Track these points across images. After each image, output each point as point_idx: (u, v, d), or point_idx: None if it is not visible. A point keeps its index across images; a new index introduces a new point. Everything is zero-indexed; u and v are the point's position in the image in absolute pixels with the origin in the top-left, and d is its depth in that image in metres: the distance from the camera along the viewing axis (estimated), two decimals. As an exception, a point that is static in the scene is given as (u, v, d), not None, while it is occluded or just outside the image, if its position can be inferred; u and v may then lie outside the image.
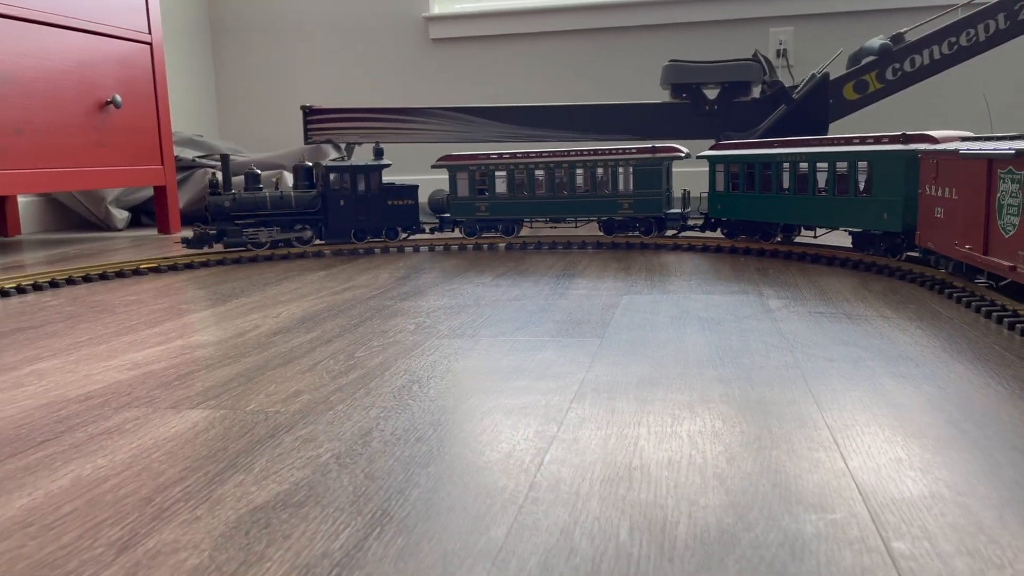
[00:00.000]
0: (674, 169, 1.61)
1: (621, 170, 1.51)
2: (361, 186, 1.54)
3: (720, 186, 1.44)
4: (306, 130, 2.41)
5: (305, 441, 0.53)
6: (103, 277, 1.29)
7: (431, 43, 2.85)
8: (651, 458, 0.48)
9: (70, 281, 1.24)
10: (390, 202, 1.56)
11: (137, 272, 1.33)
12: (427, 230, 1.64)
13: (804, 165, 1.28)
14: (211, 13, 3.00)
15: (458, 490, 0.44)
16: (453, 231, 1.63)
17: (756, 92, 2.21)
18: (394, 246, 1.56)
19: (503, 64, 2.83)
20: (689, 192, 1.58)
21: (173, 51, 2.79)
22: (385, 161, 1.57)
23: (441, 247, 1.58)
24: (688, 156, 1.53)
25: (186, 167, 2.37)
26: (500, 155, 1.56)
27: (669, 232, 1.53)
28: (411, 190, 1.57)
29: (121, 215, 2.31)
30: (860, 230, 1.20)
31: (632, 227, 1.53)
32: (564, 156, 1.53)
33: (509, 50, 2.82)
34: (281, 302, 1.05)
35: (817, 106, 2.10)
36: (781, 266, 1.22)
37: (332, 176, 1.53)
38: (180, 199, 2.28)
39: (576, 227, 1.73)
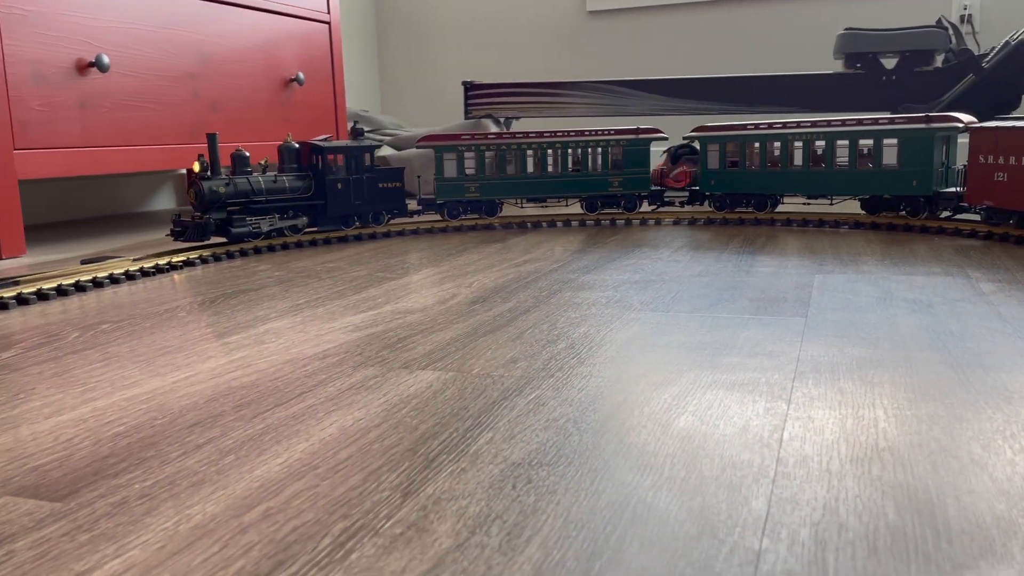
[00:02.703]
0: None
1: (611, 150, 1.57)
2: (357, 168, 1.45)
3: (714, 163, 1.55)
4: (466, 105, 2.47)
5: (537, 404, 0.56)
6: (298, 246, 1.38)
7: (588, 15, 2.84)
8: (897, 440, 0.47)
9: (271, 249, 1.34)
10: (380, 185, 1.49)
11: (328, 242, 1.42)
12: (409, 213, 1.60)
13: (821, 142, 1.45)
14: (375, -9, 3.11)
15: (704, 461, 0.46)
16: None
17: (939, 61, 2.07)
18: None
19: (661, 35, 2.78)
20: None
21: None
22: (373, 142, 1.49)
23: (551, 224, 1.58)
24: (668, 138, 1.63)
25: (354, 141, 2.49)
26: (486, 135, 1.55)
27: (647, 207, 1.63)
28: (398, 172, 1.51)
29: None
30: (871, 195, 1.41)
31: (616, 204, 1.60)
32: (555, 137, 1.56)
33: (667, 21, 2.77)
34: (468, 272, 1.09)
35: (1010, 76, 1.95)
36: (983, 247, 1.15)
37: (333, 157, 1.42)
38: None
39: (567, 206, 1.76)
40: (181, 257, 1.20)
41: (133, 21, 1.57)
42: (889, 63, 2.10)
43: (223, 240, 1.37)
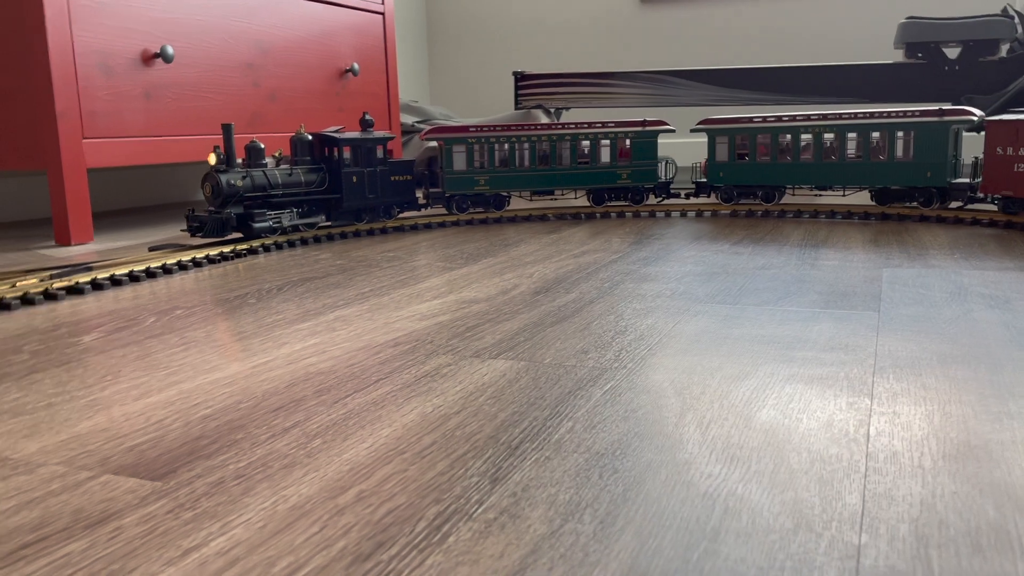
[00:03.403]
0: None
1: (619, 142, 1.57)
2: (370, 160, 1.40)
3: (723, 156, 1.55)
4: (517, 95, 2.47)
5: (614, 395, 0.56)
6: (356, 235, 1.40)
7: (641, 5, 2.81)
8: (989, 438, 0.47)
9: (329, 237, 1.36)
10: (393, 178, 1.44)
11: (384, 231, 1.43)
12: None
13: (831, 135, 1.47)
14: (425, -18, 3.12)
15: (791, 455, 0.45)
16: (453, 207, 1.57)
17: (1003, 51, 2.01)
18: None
19: (715, 26, 2.75)
20: (667, 160, 1.64)
21: (392, 20, 2.93)
22: (389, 133, 1.43)
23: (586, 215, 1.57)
24: (675, 130, 1.64)
25: (406, 132, 2.51)
26: (493, 128, 1.53)
27: (653, 199, 1.65)
28: (409, 164, 1.47)
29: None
30: (883, 187, 1.45)
31: (624, 196, 1.60)
32: (565, 129, 1.55)
33: (722, 11, 2.73)
34: (527, 263, 1.10)
35: (1081, 65, 1.88)
36: (1007, 236, 1.12)
37: (349, 149, 1.36)
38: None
39: (576, 198, 1.75)
40: (244, 246, 1.23)
41: (196, 12, 1.60)
42: (952, 53, 2.05)
43: (239, 236, 1.30)
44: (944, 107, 1.39)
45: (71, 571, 0.35)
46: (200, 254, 1.15)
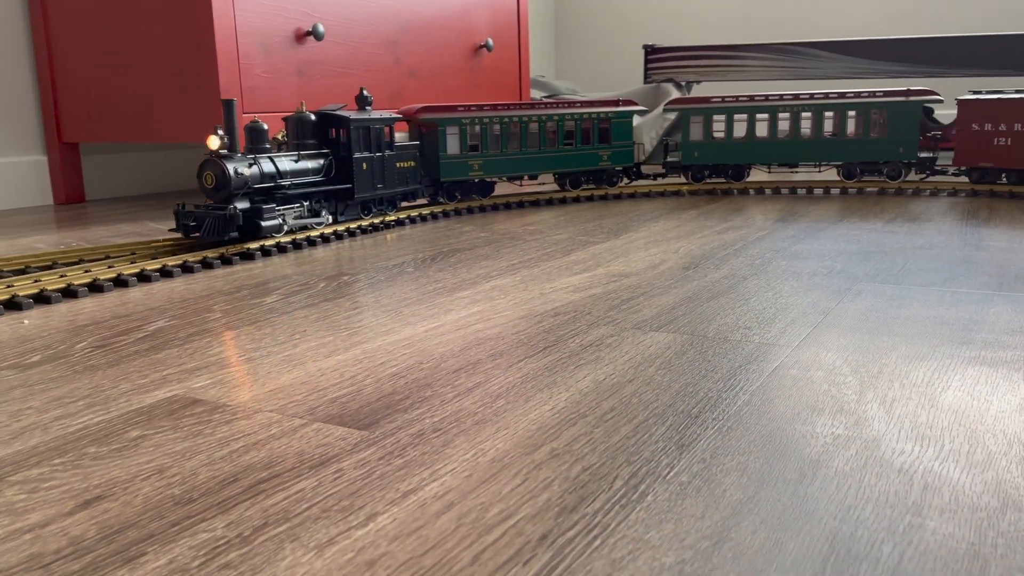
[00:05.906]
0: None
1: (603, 124, 1.54)
2: (379, 145, 1.22)
3: (696, 135, 1.59)
4: (646, 69, 2.44)
5: (785, 370, 0.56)
6: (494, 208, 1.43)
7: (776, -25, 2.71)
8: None
9: (469, 211, 1.40)
10: (398, 164, 1.27)
11: (521, 205, 1.46)
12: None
13: (807, 114, 1.54)
14: (554, -44, 3.11)
15: (986, 436, 0.44)
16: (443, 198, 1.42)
17: None
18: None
19: (856, -6, 2.62)
20: (638, 143, 1.61)
21: (521, -5, 2.94)
22: (395, 113, 1.27)
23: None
24: (650, 111, 1.65)
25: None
26: (481, 107, 1.40)
27: (625, 180, 1.65)
28: (413, 149, 1.30)
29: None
30: (844, 162, 1.57)
31: (600, 179, 1.57)
32: (558, 108, 1.49)
33: (864, -22, 2.60)
34: (670, 239, 1.10)
35: None
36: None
37: (361, 131, 1.18)
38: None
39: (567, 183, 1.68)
40: (392, 216, 1.28)
41: (343, -8, 1.66)
42: None
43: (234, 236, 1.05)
44: (911, 87, 1.49)
45: (307, 505, 0.38)
46: (353, 224, 1.20)
